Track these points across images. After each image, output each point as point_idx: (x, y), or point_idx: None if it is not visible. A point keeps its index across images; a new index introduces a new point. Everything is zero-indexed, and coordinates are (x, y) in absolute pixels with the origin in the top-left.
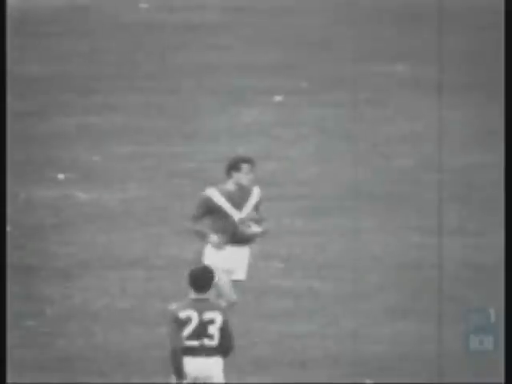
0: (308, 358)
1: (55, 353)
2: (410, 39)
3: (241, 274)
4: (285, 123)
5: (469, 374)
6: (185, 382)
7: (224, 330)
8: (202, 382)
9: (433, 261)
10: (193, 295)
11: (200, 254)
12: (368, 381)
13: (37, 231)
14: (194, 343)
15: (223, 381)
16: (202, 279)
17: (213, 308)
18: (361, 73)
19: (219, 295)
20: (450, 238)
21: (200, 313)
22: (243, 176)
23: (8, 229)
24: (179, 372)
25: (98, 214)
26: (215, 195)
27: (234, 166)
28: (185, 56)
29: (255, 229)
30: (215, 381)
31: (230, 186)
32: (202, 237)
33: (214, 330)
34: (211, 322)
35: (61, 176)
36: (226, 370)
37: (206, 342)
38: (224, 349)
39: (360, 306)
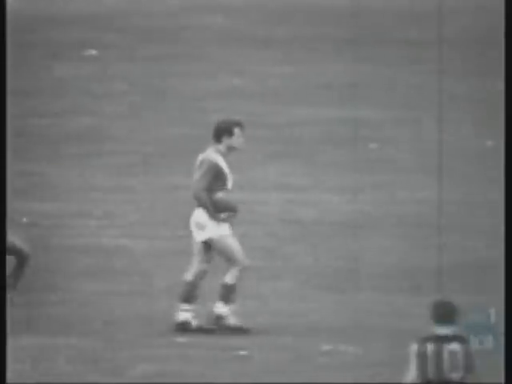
0: (116, 317)
1: None
2: None
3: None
4: (98, 78)
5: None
6: None
7: None
8: None
9: (245, 217)
10: None
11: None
12: (181, 339)
13: None
14: None
15: None
16: None
17: None
18: (179, 25)
19: (233, 261)
20: (271, 195)
21: None
22: (235, 140)
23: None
24: None
25: None
26: (220, 160)
27: (225, 131)
28: None
29: None
30: None
31: (224, 150)
32: (219, 211)
33: None
34: None
35: None
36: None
37: None
38: None
39: (176, 263)
